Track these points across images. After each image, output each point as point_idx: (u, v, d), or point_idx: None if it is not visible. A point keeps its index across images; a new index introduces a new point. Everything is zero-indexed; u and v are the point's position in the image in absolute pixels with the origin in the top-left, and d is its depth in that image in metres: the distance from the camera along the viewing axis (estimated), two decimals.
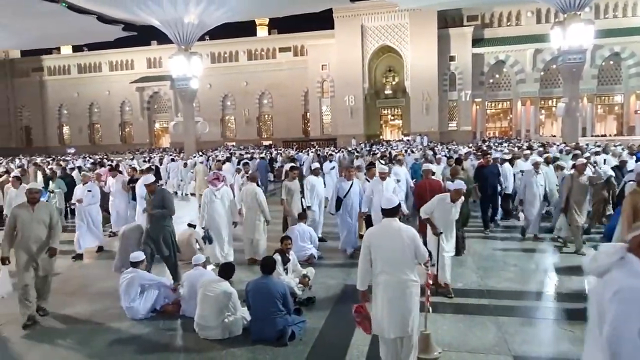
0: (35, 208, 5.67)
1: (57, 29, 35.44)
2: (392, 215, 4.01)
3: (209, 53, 52.16)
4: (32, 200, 5.71)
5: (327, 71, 48.34)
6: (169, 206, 6.69)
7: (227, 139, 54.38)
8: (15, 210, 5.75)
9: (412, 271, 3.91)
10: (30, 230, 5.59)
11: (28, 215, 5.63)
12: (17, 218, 5.61)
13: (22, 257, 5.60)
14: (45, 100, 59.80)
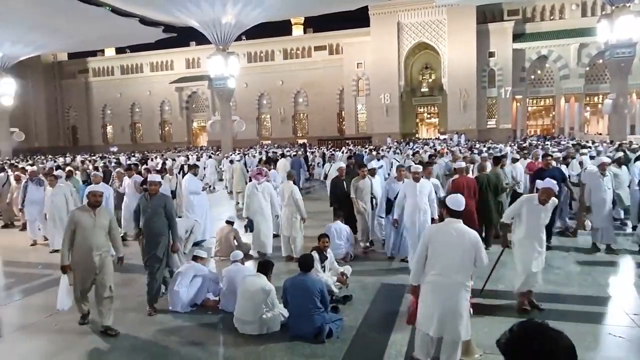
0: (97, 212, 5.22)
1: (101, 32, 36.80)
2: (457, 216, 3.99)
3: (246, 53, 52.88)
4: (95, 204, 5.24)
5: (362, 69, 48.09)
6: (172, 216, 6.09)
7: (263, 138, 55.01)
8: (76, 214, 5.26)
9: (467, 275, 3.91)
10: (92, 237, 5.14)
11: (90, 220, 5.16)
12: (78, 223, 5.12)
13: (80, 266, 5.16)
14: (91, 100, 62.24)
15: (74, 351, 4.94)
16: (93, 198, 5.25)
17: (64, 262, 5.14)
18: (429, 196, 7.30)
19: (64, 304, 5.26)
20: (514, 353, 1.32)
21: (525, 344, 1.33)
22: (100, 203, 5.30)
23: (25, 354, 5.07)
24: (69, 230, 5.14)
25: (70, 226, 5.16)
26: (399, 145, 31.56)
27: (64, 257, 5.14)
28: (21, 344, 5.28)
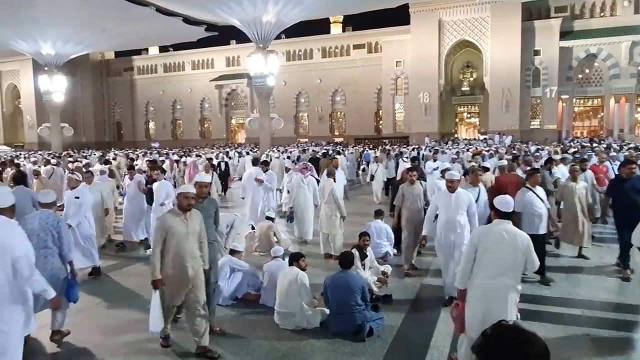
0: (188, 217, 4.51)
1: (146, 31, 37.97)
2: (507, 217, 3.90)
3: (285, 51, 53.29)
4: (187, 207, 4.48)
5: (401, 68, 47.54)
6: (218, 221, 5.62)
7: (300, 136, 55.32)
8: (167, 219, 4.49)
9: (517, 278, 3.79)
10: (186, 245, 4.46)
11: (183, 226, 4.46)
12: (170, 230, 4.42)
13: (172, 279, 4.47)
14: (135, 97, 64.41)
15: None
16: (185, 200, 4.46)
17: (156, 277, 4.42)
18: (469, 209, 5.90)
19: (157, 325, 4.49)
20: (488, 356, 1.34)
21: (498, 346, 1.34)
22: (192, 206, 4.55)
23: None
24: (160, 239, 4.44)
25: (160, 233, 4.44)
26: (441, 145, 30.92)
27: (155, 271, 4.42)
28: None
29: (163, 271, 4.45)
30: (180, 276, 4.46)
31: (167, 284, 4.47)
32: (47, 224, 4.81)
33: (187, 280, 4.46)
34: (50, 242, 4.78)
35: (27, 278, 3.58)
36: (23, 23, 32.19)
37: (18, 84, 59.20)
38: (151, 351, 4.75)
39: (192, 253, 4.50)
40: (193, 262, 4.50)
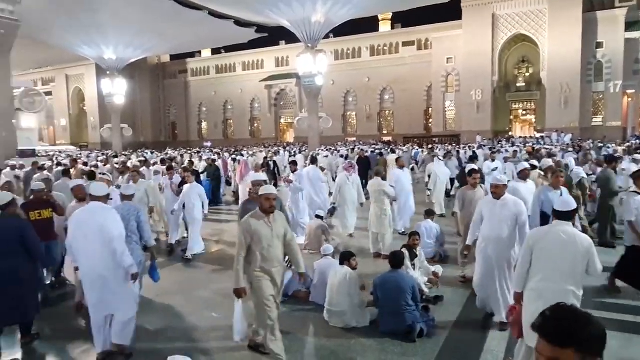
0: (272, 219, 4.27)
1: (200, 34, 39.22)
2: (566, 218, 3.71)
3: (333, 50, 53.38)
4: (270, 209, 4.23)
5: (452, 64, 46.35)
6: None
7: (348, 135, 55.25)
8: (251, 222, 4.21)
9: (578, 283, 3.59)
10: (272, 250, 4.25)
11: (268, 230, 4.22)
12: (255, 233, 4.18)
13: (263, 287, 4.23)
14: (189, 98, 66.74)
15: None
16: (267, 202, 4.22)
17: (239, 285, 4.20)
18: (518, 220, 4.98)
19: (241, 332, 4.37)
20: (547, 334, 1.43)
21: (557, 326, 1.43)
22: (275, 208, 4.31)
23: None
24: (245, 244, 4.19)
25: (245, 238, 4.18)
26: (497, 143, 29.73)
27: (238, 279, 4.19)
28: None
29: (251, 277, 4.23)
30: (268, 281, 4.26)
31: (258, 290, 4.24)
32: (128, 214, 5.40)
33: (274, 287, 4.29)
34: (132, 230, 5.34)
35: (120, 254, 4.39)
36: (88, 30, 34.19)
37: (83, 88, 62.86)
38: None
39: (279, 258, 4.32)
40: (279, 268, 4.34)
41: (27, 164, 14.58)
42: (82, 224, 4.48)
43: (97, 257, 4.39)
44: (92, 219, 4.47)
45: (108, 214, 4.59)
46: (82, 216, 4.55)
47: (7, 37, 20.57)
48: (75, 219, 4.60)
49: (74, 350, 4.94)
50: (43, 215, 6.26)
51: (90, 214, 4.53)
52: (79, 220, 4.54)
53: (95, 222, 4.44)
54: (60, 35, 34.74)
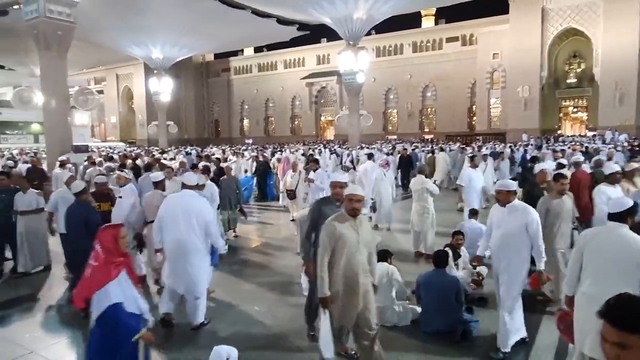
0: (358, 223, 3.86)
1: (243, 33, 39.83)
2: (618, 219, 3.47)
3: (374, 47, 52.93)
4: (353, 212, 3.82)
5: (498, 60, 44.93)
6: None
7: (389, 132, 54.74)
8: (336, 226, 3.80)
9: (634, 288, 3.37)
10: (358, 257, 3.81)
11: (354, 234, 3.80)
12: (340, 238, 3.78)
13: (342, 296, 3.81)
14: (231, 96, 68.11)
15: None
16: (350, 204, 3.82)
17: (325, 293, 3.76)
18: (528, 229, 4.37)
19: (330, 349, 3.83)
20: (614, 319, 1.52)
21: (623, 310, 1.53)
22: (360, 211, 3.87)
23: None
24: (328, 248, 3.79)
25: (329, 242, 3.79)
26: (545, 142, 28.40)
27: (324, 287, 3.76)
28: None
29: (332, 287, 3.78)
30: (351, 293, 3.80)
31: (335, 302, 3.82)
32: None
33: (358, 298, 3.82)
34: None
35: (214, 236, 5.14)
36: (137, 31, 35.48)
37: (131, 86, 65.37)
38: None
39: (364, 266, 3.85)
40: (364, 277, 3.86)
41: (70, 159, 15.24)
42: (175, 208, 5.04)
43: (185, 238, 4.94)
44: (185, 203, 5.04)
45: (201, 200, 5.32)
46: (176, 201, 5.16)
47: (64, 38, 21.64)
48: (168, 203, 5.19)
49: None
50: (102, 207, 6.53)
51: (183, 199, 5.11)
52: (172, 204, 5.13)
53: (189, 206, 5.01)
54: (112, 37, 36.22)
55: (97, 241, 3.29)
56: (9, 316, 5.78)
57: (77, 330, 5.30)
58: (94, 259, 3.26)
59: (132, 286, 3.32)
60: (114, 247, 3.26)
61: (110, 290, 3.14)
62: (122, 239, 3.33)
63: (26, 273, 7.37)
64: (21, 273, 7.35)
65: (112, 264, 3.21)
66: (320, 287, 3.78)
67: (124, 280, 3.26)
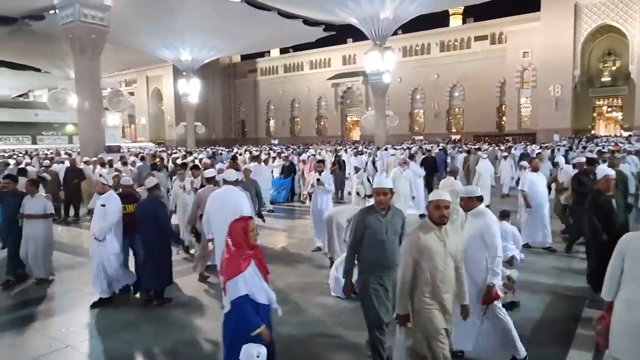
0: (444, 233, 3.47)
1: (269, 34, 40.16)
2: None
3: (401, 47, 52.56)
4: (442, 219, 3.43)
5: (528, 59, 43.92)
6: None
7: (415, 133, 54.23)
8: (420, 235, 3.43)
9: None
10: (446, 271, 3.44)
11: (440, 246, 3.42)
12: (425, 251, 3.38)
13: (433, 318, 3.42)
14: (257, 97, 68.79)
15: None
16: (437, 212, 3.43)
17: (405, 310, 3.49)
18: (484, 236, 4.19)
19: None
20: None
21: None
22: (447, 218, 3.46)
23: None
24: (411, 260, 3.44)
25: (411, 253, 3.44)
26: (578, 142, 27.43)
27: (404, 304, 3.48)
28: None
29: (416, 303, 3.47)
30: (437, 309, 3.45)
31: (415, 321, 3.49)
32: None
33: (445, 317, 3.47)
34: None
35: None
36: (167, 34, 36.22)
37: (161, 88, 66.78)
38: None
39: (452, 281, 3.50)
40: (451, 294, 3.51)
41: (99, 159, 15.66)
42: (219, 201, 5.65)
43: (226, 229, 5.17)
44: (227, 198, 5.67)
45: (240, 194, 5.88)
46: (220, 195, 5.77)
47: (97, 41, 22.30)
48: (212, 198, 5.79)
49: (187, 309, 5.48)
50: (127, 209, 6.41)
51: (224, 194, 5.75)
52: (216, 198, 5.73)
53: (230, 200, 5.59)
54: (143, 39, 37.09)
55: (228, 234, 3.43)
56: (46, 311, 5.97)
57: (110, 325, 5.44)
58: (225, 251, 3.44)
59: (261, 277, 3.44)
60: (243, 239, 3.38)
61: (238, 282, 3.30)
62: (252, 232, 3.44)
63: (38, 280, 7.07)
64: (38, 279, 7.07)
65: (241, 257, 3.34)
66: (399, 303, 3.54)
67: (254, 272, 3.39)
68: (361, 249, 3.98)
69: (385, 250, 3.90)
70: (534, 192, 8.37)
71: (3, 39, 35.11)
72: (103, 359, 4.65)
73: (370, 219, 3.90)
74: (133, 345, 4.91)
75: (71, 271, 7.73)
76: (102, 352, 4.79)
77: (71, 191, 11.94)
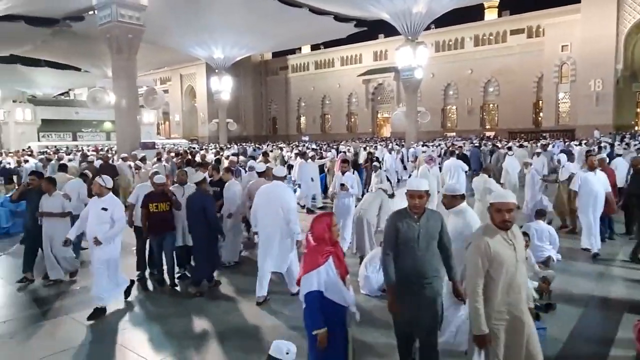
0: (512, 236, 3.14)
1: (300, 31, 40.25)
2: None
3: (434, 42, 51.68)
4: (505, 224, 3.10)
5: (567, 52, 42.33)
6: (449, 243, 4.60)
7: (447, 129, 53.29)
8: (489, 241, 3.05)
9: None
10: (519, 280, 3.12)
11: (510, 251, 3.08)
12: (495, 258, 3.03)
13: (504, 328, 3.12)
14: (288, 94, 69.12)
15: None
16: (499, 215, 3.09)
17: (482, 329, 3.04)
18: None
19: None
20: None
21: None
22: (512, 223, 3.14)
23: None
24: (482, 271, 3.07)
25: (482, 262, 3.06)
26: (620, 140, 26.20)
27: (480, 320, 3.04)
28: None
29: (490, 322, 3.07)
30: (514, 325, 3.10)
31: (497, 336, 3.09)
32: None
33: (522, 331, 3.10)
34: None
35: (293, 223, 5.74)
36: (200, 32, 36.83)
37: (194, 86, 68.03)
38: None
39: (526, 289, 3.24)
40: (526, 304, 3.21)
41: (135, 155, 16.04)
42: (265, 196, 5.86)
43: (274, 222, 5.74)
44: (273, 193, 5.84)
45: (287, 190, 6.08)
46: (267, 190, 5.95)
47: (133, 41, 22.87)
48: (260, 192, 6.00)
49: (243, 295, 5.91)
50: (160, 208, 6.41)
51: (272, 189, 5.92)
52: (264, 193, 5.94)
53: (276, 195, 5.78)
54: (177, 38, 37.86)
55: (310, 229, 3.40)
56: (83, 302, 6.16)
57: (144, 316, 5.59)
58: (306, 246, 3.44)
59: (337, 276, 3.36)
60: (327, 235, 3.35)
61: (313, 277, 3.27)
62: (334, 227, 3.42)
63: (58, 280, 6.93)
64: (53, 280, 6.88)
65: (320, 252, 3.31)
66: (475, 321, 3.07)
67: (330, 269, 3.33)
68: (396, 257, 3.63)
69: (418, 259, 3.52)
70: (586, 192, 7.68)
71: (46, 40, 36.58)
72: (138, 349, 4.77)
73: (401, 223, 3.55)
74: (166, 336, 5.02)
75: None
76: (136, 343, 4.92)
77: None
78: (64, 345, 4.85)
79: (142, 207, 6.49)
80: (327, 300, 3.27)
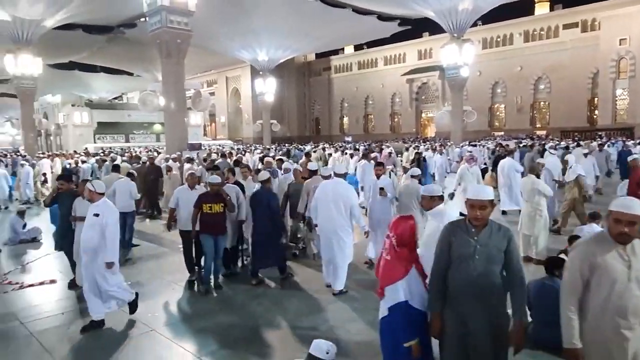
0: (631, 251, 2.69)
1: (343, 31, 40.27)
2: None
3: (480, 39, 50.27)
4: (623, 238, 2.65)
5: (625, 47, 40.04)
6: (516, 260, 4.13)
7: (495, 129, 51.69)
8: (595, 250, 2.74)
9: None
10: (628, 298, 2.65)
11: (623, 267, 2.66)
12: (600, 271, 2.69)
13: (601, 352, 2.75)
14: (331, 95, 69.29)
15: None
16: (617, 227, 2.66)
17: (574, 345, 2.76)
18: None
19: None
20: None
21: None
22: (634, 236, 2.67)
23: None
24: (579, 280, 2.78)
25: (581, 269, 2.76)
26: None
27: (572, 333, 2.77)
28: None
29: (584, 337, 2.77)
30: (614, 348, 2.71)
31: (593, 357, 2.77)
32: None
33: (624, 357, 2.70)
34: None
35: (357, 217, 6.18)
36: (245, 35, 37.63)
37: (239, 87, 69.53)
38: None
39: (637, 311, 2.67)
40: (637, 328, 2.69)
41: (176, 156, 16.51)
42: (327, 192, 6.15)
43: (333, 217, 6.07)
44: (334, 189, 6.15)
45: (348, 187, 6.37)
46: (328, 186, 6.25)
47: (182, 46, 23.70)
48: (321, 188, 6.30)
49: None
50: (213, 209, 6.31)
51: (333, 185, 6.23)
52: (325, 190, 6.23)
53: (337, 191, 6.12)
54: (222, 42, 38.84)
55: (392, 232, 3.32)
56: None
57: (190, 311, 5.76)
58: (387, 252, 3.36)
59: (421, 283, 3.34)
60: (411, 239, 3.32)
61: (399, 287, 3.26)
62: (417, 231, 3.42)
63: None
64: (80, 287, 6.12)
65: (404, 260, 3.28)
66: (566, 332, 2.80)
67: (414, 277, 3.31)
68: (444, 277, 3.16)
69: (472, 280, 2.99)
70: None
71: (102, 47, 38.54)
72: (185, 343, 4.92)
73: (455, 237, 3.07)
74: (212, 331, 5.15)
75: (157, 260, 8.30)
76: (184, 337, 5.07)
77: (150, 187, 12.71)
78: (114, 336, 5.09)
79: (195, 207, 6.35)
80: (413, 309, 3.25)
